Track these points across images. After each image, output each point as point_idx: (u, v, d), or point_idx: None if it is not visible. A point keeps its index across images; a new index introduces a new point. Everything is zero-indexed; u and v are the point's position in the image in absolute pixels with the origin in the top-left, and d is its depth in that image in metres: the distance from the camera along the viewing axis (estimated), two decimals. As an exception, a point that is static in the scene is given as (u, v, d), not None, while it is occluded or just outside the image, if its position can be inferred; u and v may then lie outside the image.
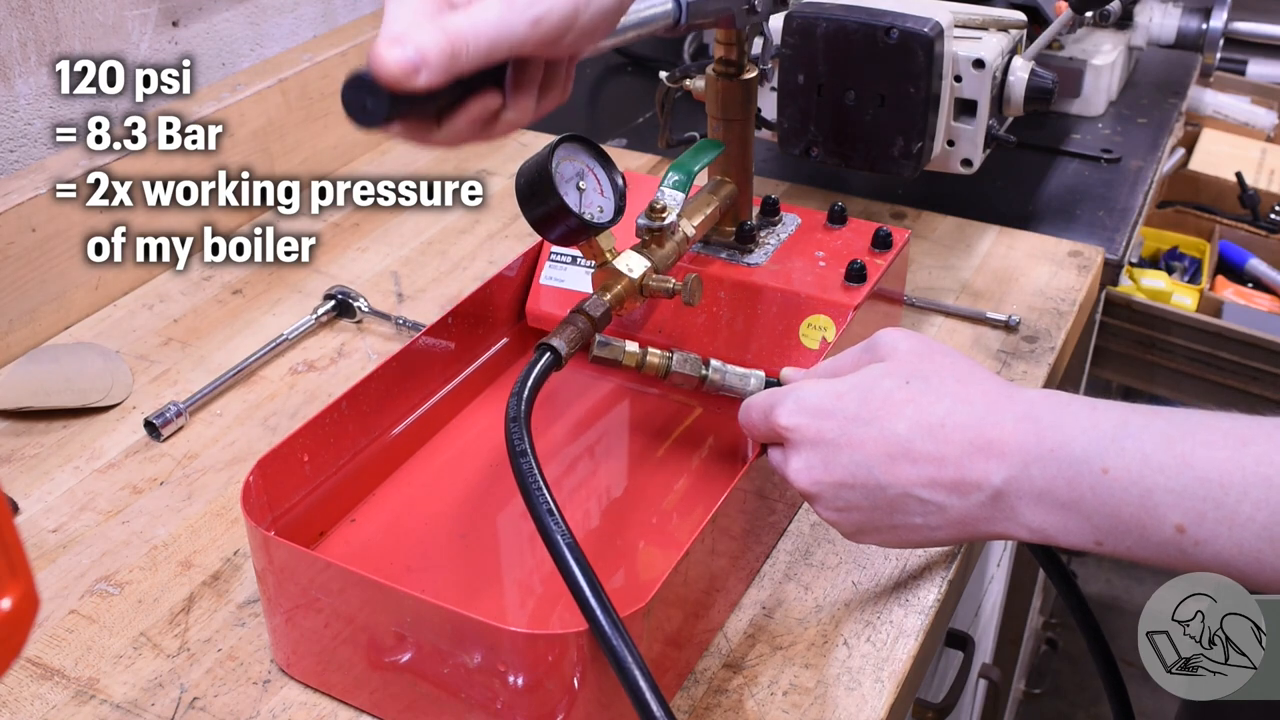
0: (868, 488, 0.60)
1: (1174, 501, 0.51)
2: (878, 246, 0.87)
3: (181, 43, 1.13)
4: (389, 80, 0.53)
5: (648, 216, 0.78)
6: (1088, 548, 0.54)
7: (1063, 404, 0.56)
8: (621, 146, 1.30)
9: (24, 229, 0.94)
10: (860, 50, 0.91)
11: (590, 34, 0.59)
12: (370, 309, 1.00)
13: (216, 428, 0.89)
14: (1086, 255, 1.08)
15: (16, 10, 0.97)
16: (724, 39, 0.82)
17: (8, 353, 0.95)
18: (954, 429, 0.57)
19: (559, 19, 0.56)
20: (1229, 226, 1.61)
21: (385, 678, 0.64)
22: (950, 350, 0.63)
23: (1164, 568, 0.53)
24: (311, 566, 0.63)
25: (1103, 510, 0.53)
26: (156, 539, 0.79)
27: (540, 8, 0.55)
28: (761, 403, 0.65)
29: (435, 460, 0.81)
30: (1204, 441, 0.51)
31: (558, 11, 0.56)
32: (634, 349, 0.72)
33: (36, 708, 0.67)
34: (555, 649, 0.57)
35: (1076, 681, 2.00)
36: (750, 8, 0.81)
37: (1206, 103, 1.77)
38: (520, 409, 0.64)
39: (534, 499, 0.60)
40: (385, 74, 0.53)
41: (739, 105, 0.85)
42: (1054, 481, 0.54)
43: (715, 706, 0.66)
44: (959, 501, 0.57)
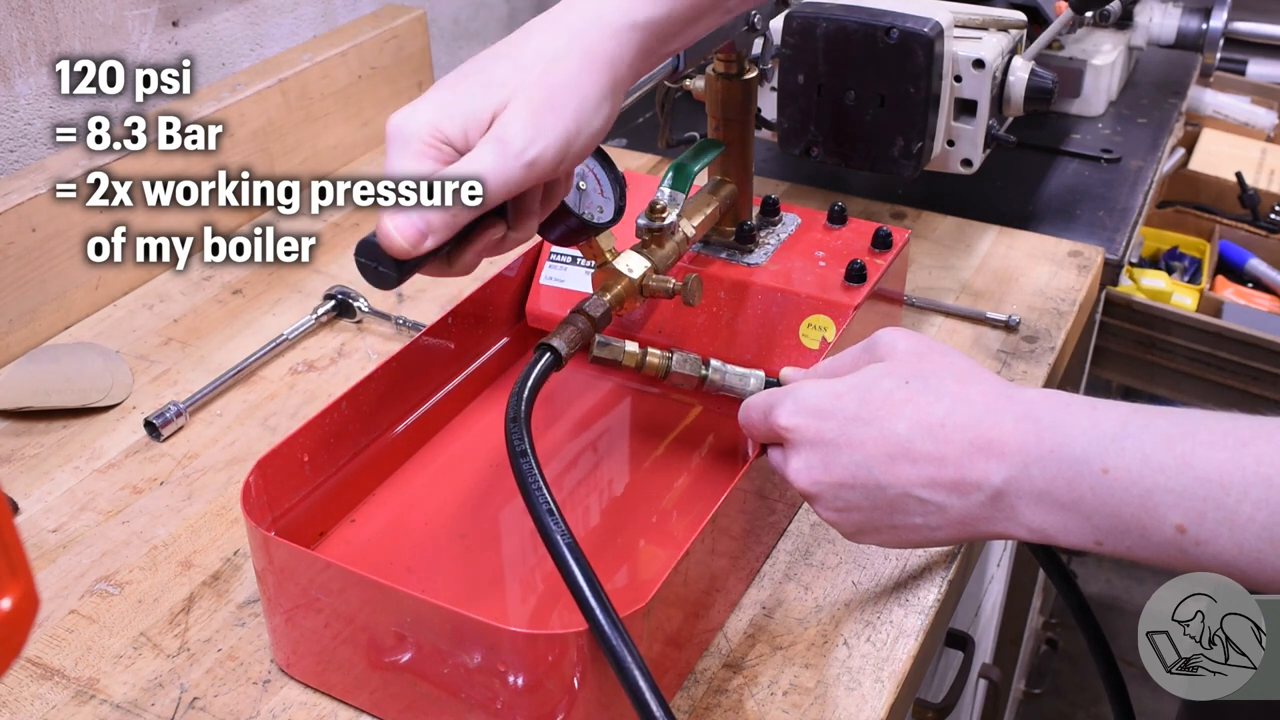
0: (867, 488, 0.60)
1: (1174, 502, 0.51)
2: (878, 246, 0.87)
3: (181, 43, 1.13)
4: (400, 254, 0.58)
5: (648, 216, 0.78)
6: (1088, 548, 0.54)
7: (1063, 404, 0.56)
8: (621, 146, 1.30)
9: (24, 229, 0.94)
10: (860, 50, 0.91)
11: (583, 155, 0.61)
12: (370, 309, 1.00)
13: (216, 428, 0.89)
14: (1086, 255, 1.08)
15: (16, 10, 0.97)
16: (724, 54, 0.83)
17: (8, 353, 0.95)
18: (954, 429, 0.57)
19: (552, 156, 0.58)
20: (1229, 226, 1.61)
21: (385, 678, 0.64)
22: (949, 350, 0.63)
23: (1164, 568, 0.53)
24: (311, 566, 0.63)
25: (1103, 510, 0.53)
26: (156, 539, 0.79)
27: (534, 150, 0.57)
28: (761, 403, 0.65)
29: (435, 460, 0.81)
30: (1204, 442, 0.51)
31: (551, 150, 0.58)
32: (634, 349, 0.72)
33: (36, 708, 0.67)
34: (555, 649, 0.57)
35: (1076, 681, 2.00)
36: (750, 26, 0.81)
37: (1206, 103, 1.77)
38: (520, 409, 0.64)
39: (534, 499, 0.60)
40: (395, 249, 0.58)
41: (739, 105, 0.85)
42: (1054, 482, 0.54)
43: (715, 706, 0.66)
44: (959, 501, 0.57)
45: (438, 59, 1.41)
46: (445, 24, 1.46)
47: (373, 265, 0.59)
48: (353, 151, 1.25)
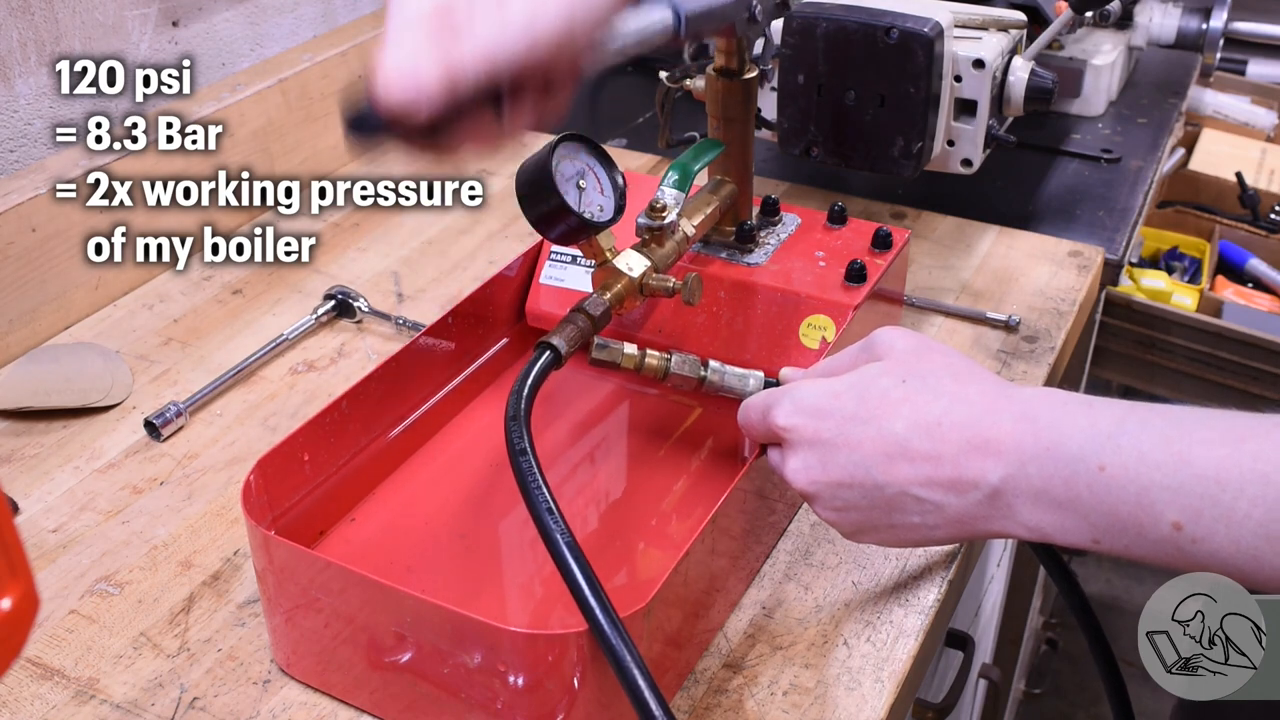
0: (865, 487, 0.60)
1: (1171, 499, 0.51)
2: (878, 246, 0.87)
3: (181, 43, 1.13)
4: (390, 114, 0.54)
5: (648, 216, 0.78)
6: (1085, 546, 0.54)
7: (1060, 402, 0.56)
8: (621, 146, 1.30)
9: (24, 229, 0.94)
10: (860, 50, 0.91)
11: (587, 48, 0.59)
12: (370, 309, 1.00)
13: (216, 428, 0.89)
14: (1086, 255, 1.08)
15: (16, 10, 0.97)
16: (724, 46, 0.83)
17: (8, 353, 0.95)
18: (950, 428, 0.57)
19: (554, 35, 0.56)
20: (1229, 226, 1.62)
21: (385, 678, 0.64)
22: (947, 349, 0.63)
23: (1161, 566, 0.53)
24: (311, 566, 0.63)
25: (1100, 508, 0.53)
26: (156, 539, 0.79)
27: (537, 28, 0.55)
28: (759, 403, 0.65)
29: (435, 460, 0.81)
30: (1201, 439, 0.51)
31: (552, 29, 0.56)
32: (632, 351, 0.72)
33: (36, 708, 0.67)
34: (555, 649, 0.57)
35: (1076, 681, 2.00)
36: (750, 16, 0.81)
37: (1206, 103, 1.77)
38: (520, 407, 0.64)
39: (533, 498, 0.60)
40: (387, 108, 0.54)
41: (739, 105, 0.85)
42: (1051, 480, 0.54)
43: (715, 706, 0.66)
44: (956, 500, 0.57)
45: (438, 59, 1.40)
46: (445, 24, 1.46)
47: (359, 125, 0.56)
48: (353, 151, 1.25)
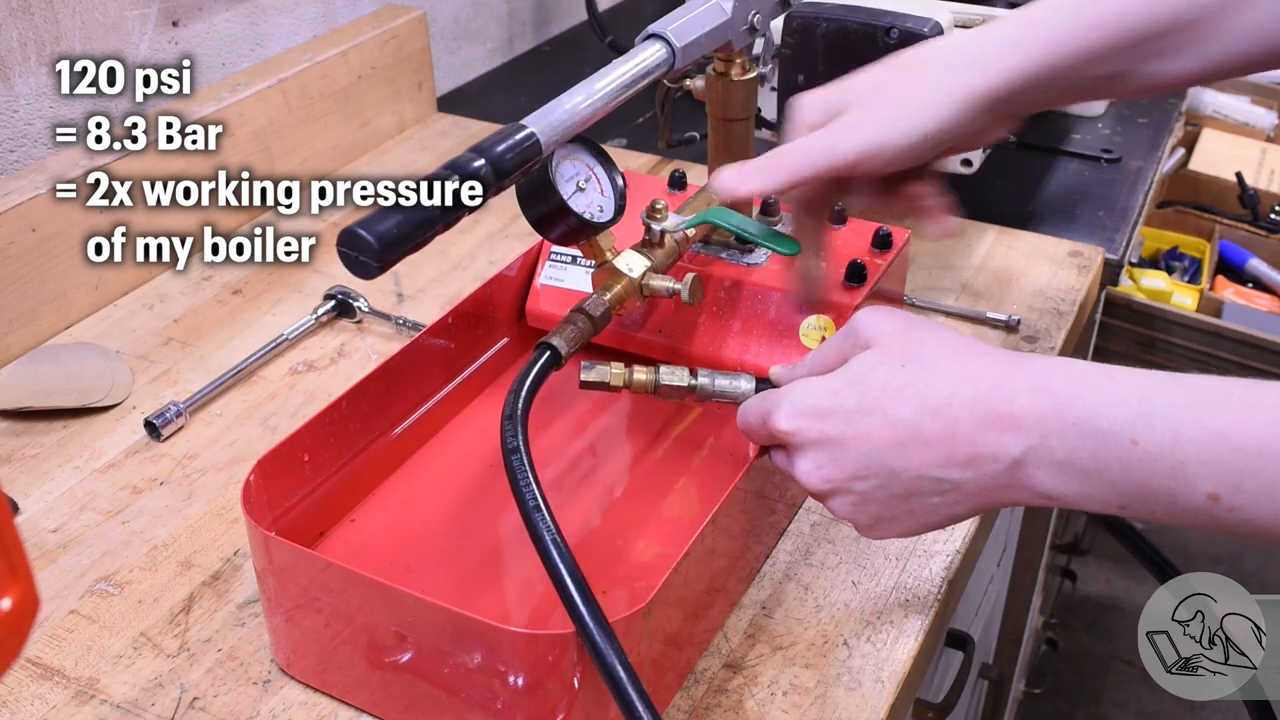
0: (881, 476, 0.59)
1: (1208, 472, 0.51)
2: (878, 246, 0.87)
3: (181, 43, 1.13)
4: (727, 194, 0.72)
5: (648, 216, 0.78)
6: (1109, 511, 0.54)
7: (1078, 373, 0.56)
8: (621, 146, 1.30)
9: (24, 229, 0.94)
10: (860, 50, 0.91)
11: (903, 158, 0.69)
12: (370, 309, 1.00)
13: (216, 428, 0.89)
14: (1086, 255, 1.08)
15: (16, 10, 0.97)
16: (724, 55, 0.83)
17: (8, 353, 0.95)
18: (961, 406, 0.57)
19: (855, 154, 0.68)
20: (1229, 226, 1.62)
21: (385, 678, 0.64)
22: (933, 325, 0.62)
23: (1190, 528, 0.53)
24: (311, 566, 0.63)
25: (1130, 479, 0.53)
26: (156, 539, 0.79)
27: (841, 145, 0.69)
28: (757, 408, 0.65)
29: (435, 460, 0.81)
30: (1237, 418, 0.51)
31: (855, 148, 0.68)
32: (619, 370, 0.71)
33: (36, 708, 0.67)
34: (555, 649, 0.57)
35: (1076, 681, 2.00)
36: (750, 27, 0.81)
37: (1206, 103, 1.77)
38: (516, 406, 0.64)
39: (522, 494, 0.60)
40: (723, 190, 0.72)
41: (739, 105, 0.85)
42: (1076, 452, 0.54)
43: (715, 706, 0.66)
44: (974, 475, 0.57)
45: (438, 59, 1.41)
46: (445, 24, 1.46)
47: (353, 255, 0.58)
48: (352, 151, 1.25)
